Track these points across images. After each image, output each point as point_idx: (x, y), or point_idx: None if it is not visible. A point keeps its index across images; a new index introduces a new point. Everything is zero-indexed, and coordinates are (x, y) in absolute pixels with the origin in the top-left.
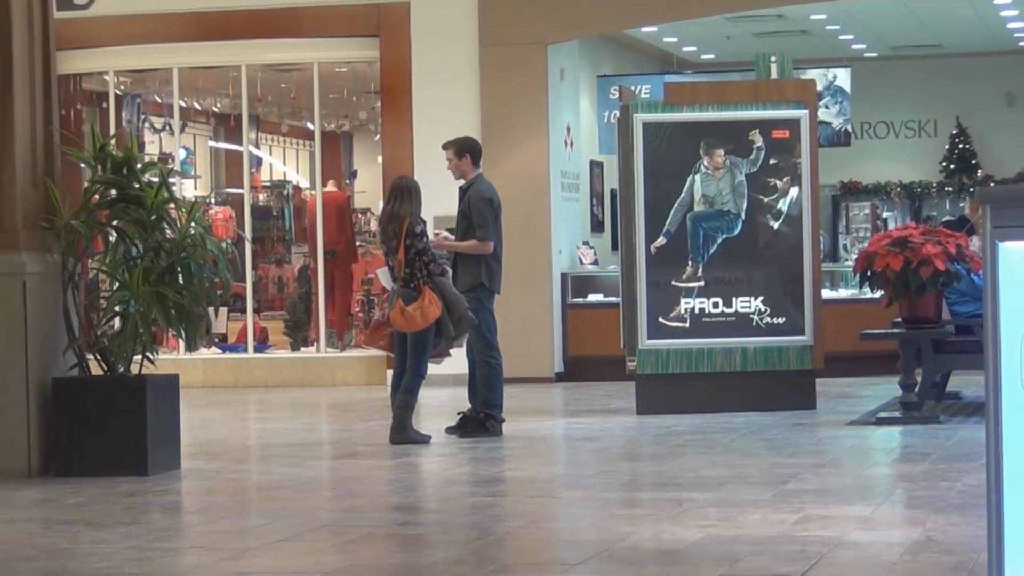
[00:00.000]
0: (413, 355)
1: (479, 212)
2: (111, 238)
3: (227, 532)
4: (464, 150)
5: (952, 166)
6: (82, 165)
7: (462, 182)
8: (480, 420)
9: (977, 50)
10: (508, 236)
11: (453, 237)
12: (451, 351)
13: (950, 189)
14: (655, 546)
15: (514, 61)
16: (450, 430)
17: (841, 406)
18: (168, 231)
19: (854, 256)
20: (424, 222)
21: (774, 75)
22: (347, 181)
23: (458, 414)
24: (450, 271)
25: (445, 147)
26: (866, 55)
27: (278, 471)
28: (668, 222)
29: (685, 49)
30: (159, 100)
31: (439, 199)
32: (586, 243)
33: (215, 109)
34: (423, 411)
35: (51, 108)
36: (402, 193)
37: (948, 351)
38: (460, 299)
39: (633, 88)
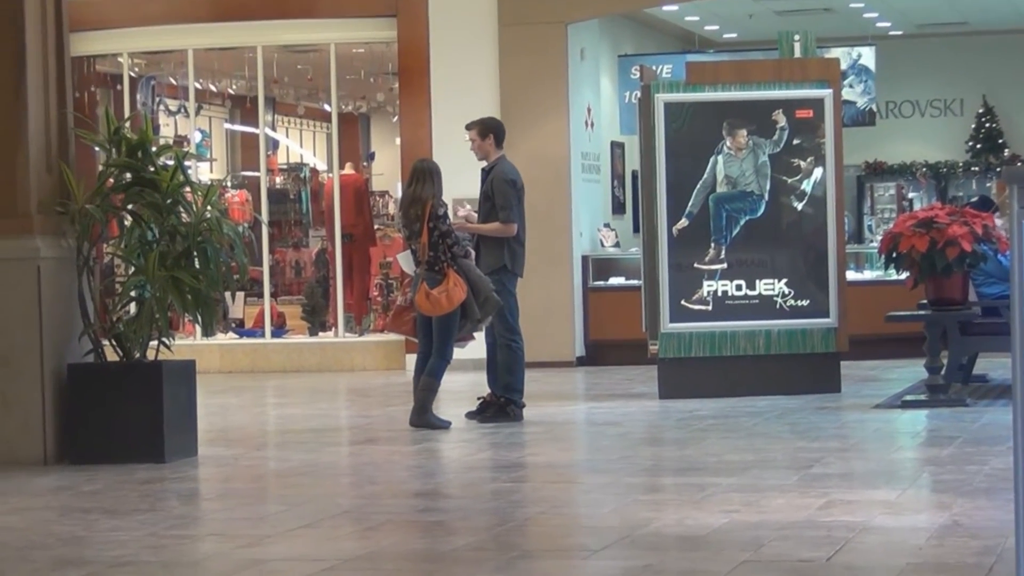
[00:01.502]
0: (439, 339)
1: (502, 194)
2: (126, 222)
3: (245, 519)
4: (488, 130)
5: (978, 146)
6: (96, 148)
7: (484, 163)
8: (501, 405)
9: (1004, 27)
10: (528, 219)
11: (476, 216)
12: (475, 334)
13: (976, 169)
14: (678, 532)
15: (534, 40)
16: (470, 415)
17: (866, 389)
18: (184, 215)
19: (879, 237)
20: (446, 204)
21: (798, 54)
22: (364, 163)
23: (478, 399)
24: (473, 253)
25: (468, 127)
26: (891, 33)
27: (296, 457)
28: (690, 204)
29: (707, 28)
30: (174, 82)
31: (458, 181)
32: (607, 225)
33: (231, 91)
34: (442, 396)
35: (64, 91)
36: (423, 176)
37: (975, 333)
38: (485, 281)
39: (654, 68)
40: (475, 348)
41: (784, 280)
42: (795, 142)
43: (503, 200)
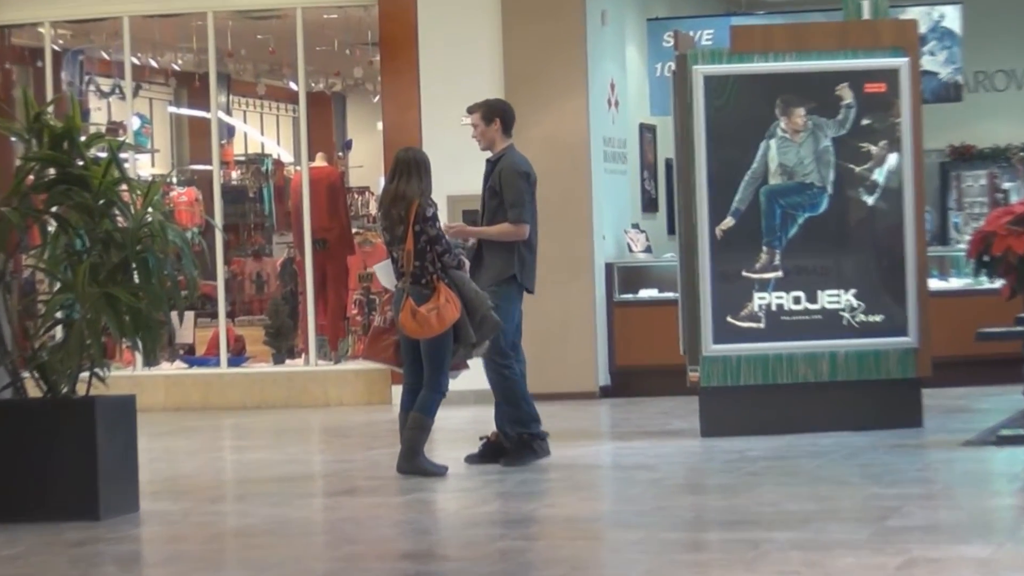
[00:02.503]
0: (431, 367)
1: (513, 189)
2: (50, 228)
3: None
4: (493, 114)
5: None
6: (12, 139)
7: (489, 154)
8: (523, 442)
9: None
10: (541, 219)
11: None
12: (469, 362)
13: None
14: None
15: (544, 2)
16: (471, 459)
17: (953, 422)
18: (120, 219)
19: (968, 238)
20: (435, 204)
21: (866, 15)
22: (340, 154)
23: (480, 439)
24: (467, 263)
25: (471, 111)
26: None
27: (259, 512)
28: (737, 199)
29: None
30: (107, 57)
31: (452, 175)
32: (636, 226)
33: (176, 67)
34: (437, 435)
35: None
36: (408, 168)
37: None
38: (482, 297)
39: (692, 34)
40: (476, 377)
41: (852, 291)
42: (864, 122)
43: (514, 196)
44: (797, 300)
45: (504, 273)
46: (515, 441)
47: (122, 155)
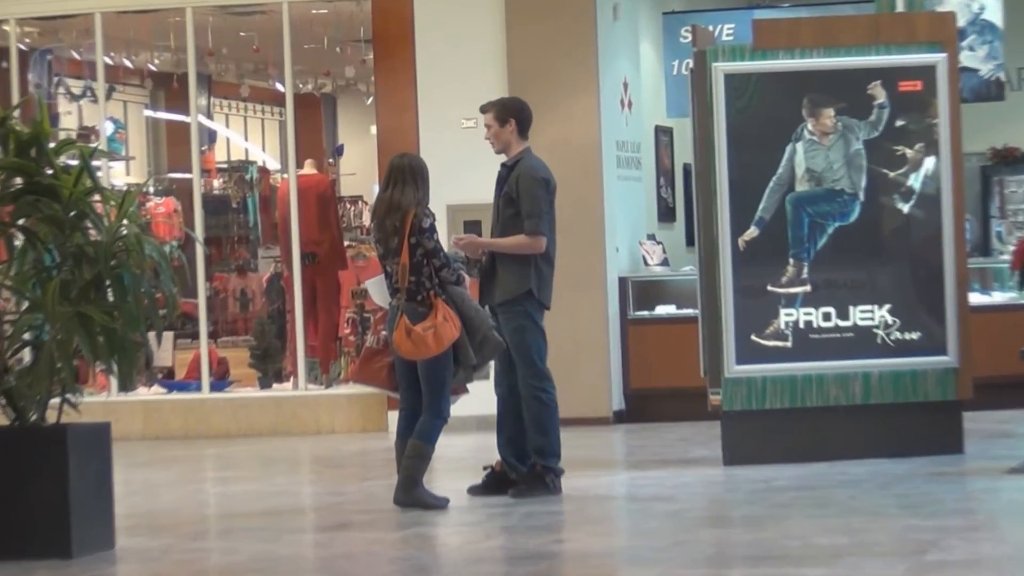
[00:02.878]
0: (430, 391)
1: (532, 198)
2: (17, 242)
3: None
4: (509, 114)
5: None
6: None
7: (504, 158)
8: (536, 474)
9: None
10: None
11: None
12: (469, 386)
13: None
14: None
15: None
16: (474, 490)
17: (997, 448)
18: (92, 232)
19: (1011, 248)
20: (433, 214)
21: (900, 7)
22: (330, 160)
23: (484, 469)
24: (467, 279)
25: (484, 110)
26: None
27: (246, 549)
28: (761, 207)
29: None
30: (77, 56)
31: (452, 183)
32: (651, 238)
33: (152, 67)
34: (437, 465)
35: None
36: (404, 175)
37: None
38: (482, 315)
39: (711, 29)
40: (480, 401)
41: (887, 306)
42: (898, 124)
43: (532, 205)
44: (827, 317)
45: (520, 288)
46: (528, 471)
47: (94, 163)
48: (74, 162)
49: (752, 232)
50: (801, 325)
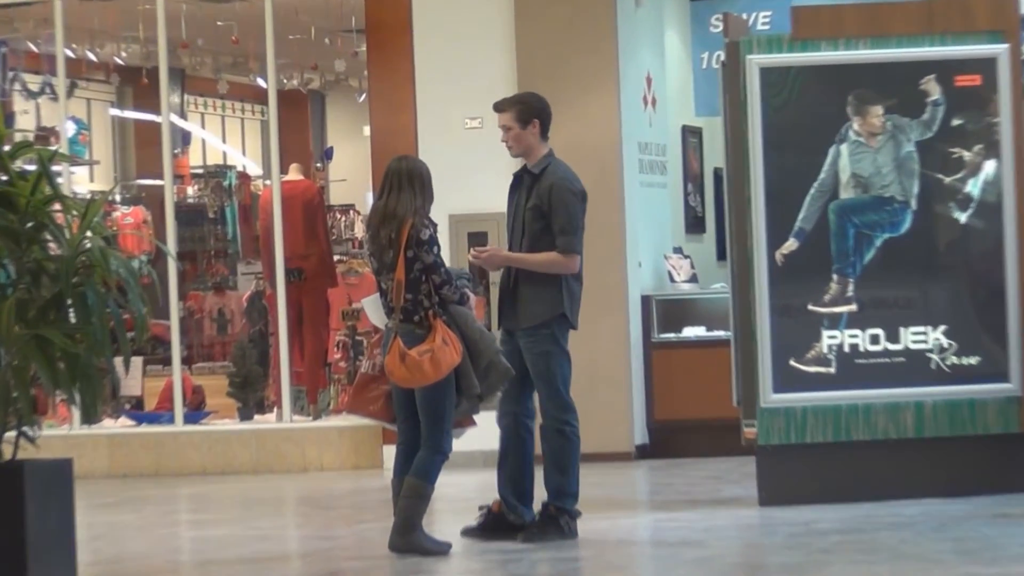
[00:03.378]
0: (429, 423)
1: (566, 212)
2: None
3: None
4: (531, 114)
5: None
6: None
7: (525, 163)
8: (551, 516)
9: None
10: None
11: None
12: (477, 418)
13: None
14: None
15: None
16: (469, 532)
17: None
18: (52, 245)
19: None
20: (435, 224)
21: None
22: (318, 165)
23: (480, 508)
24: (472, 297)
25: (499, 108)
26: None
27: None
28: (801, 217)
29: None
30: (35, 49)
31: (454, 190)
32: (678, 251)
33: (119, 61)
34: (437, 505)
35: None
36: (401, 181)
37: None
38: (488, 338)
39: (745, 17)
40: (486, 434)
41: (942, 328)
42: (955, 123)
43: (566, 220)
44: (875, 339)
45: (554, 310)
46: (542, 513)
47: (54, 168)
48: (32, 167)
49: (791, 244)
50: (846, 349)
